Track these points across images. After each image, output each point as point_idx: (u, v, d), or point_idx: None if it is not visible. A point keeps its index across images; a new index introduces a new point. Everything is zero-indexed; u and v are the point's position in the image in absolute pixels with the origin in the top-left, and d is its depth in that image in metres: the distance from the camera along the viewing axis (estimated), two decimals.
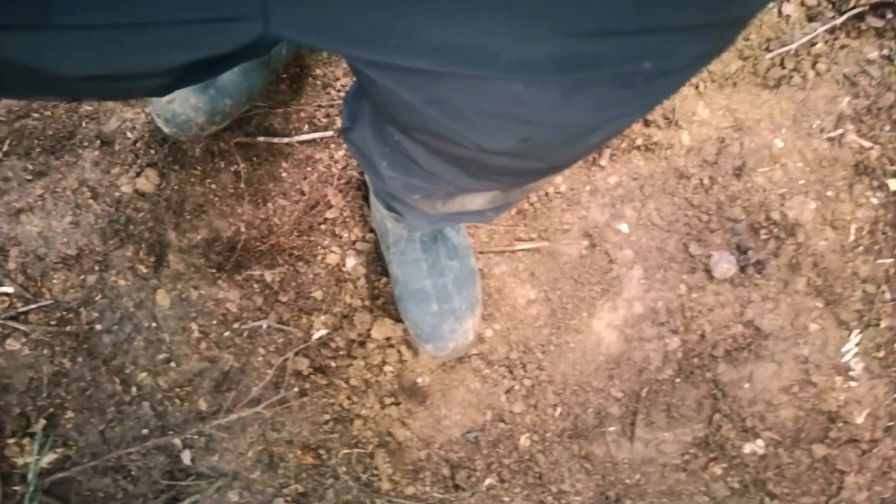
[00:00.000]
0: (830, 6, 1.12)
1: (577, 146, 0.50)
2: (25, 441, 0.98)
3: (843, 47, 1.12)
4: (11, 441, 0.98)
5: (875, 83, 1.12)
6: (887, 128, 1.11)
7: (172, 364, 1.03)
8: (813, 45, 1.11)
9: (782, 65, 1.10)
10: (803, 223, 1.09)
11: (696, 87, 1.10)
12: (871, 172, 1.11)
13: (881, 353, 1.09)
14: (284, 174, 1.07)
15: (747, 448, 1.07)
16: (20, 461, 0.98)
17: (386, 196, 0.80)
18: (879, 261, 1.10)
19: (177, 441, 1.02)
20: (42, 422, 0.99)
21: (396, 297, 1.03)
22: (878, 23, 1.10)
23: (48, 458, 0.99)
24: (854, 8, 1.11)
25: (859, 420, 1.08)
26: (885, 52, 1.11)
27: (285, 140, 1.08)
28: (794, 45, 1.10)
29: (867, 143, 1.11)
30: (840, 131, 1.11)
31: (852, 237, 1.10)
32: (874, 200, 1.11)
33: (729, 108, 1.10)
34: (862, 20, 1.11)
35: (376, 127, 0.63)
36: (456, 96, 0.43)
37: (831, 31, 1.11)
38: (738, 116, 1.10)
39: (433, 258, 1.00)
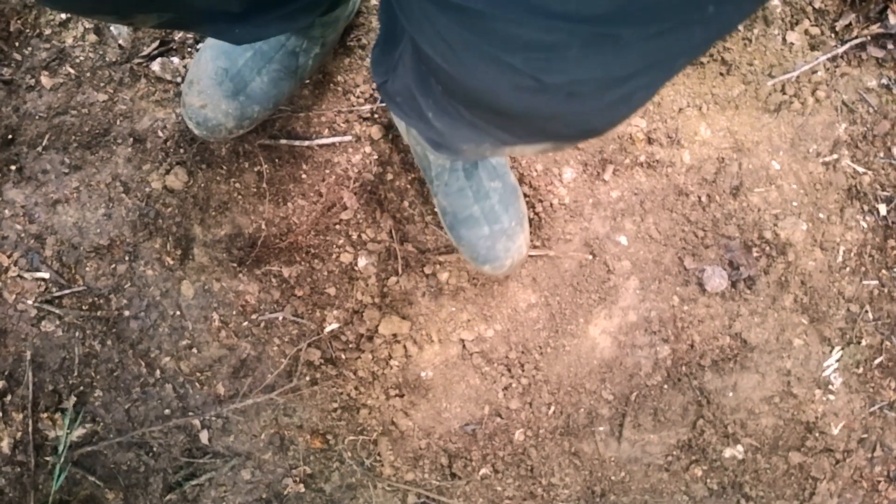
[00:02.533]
0: (833, 35, 1.16)
1: (621, 108, 0.52)
2: (57, 416, 1.06)
3: (843, 75, 1.16)
4: (45, 415, 1.06)
5: (872, 111, 1.16)
6: (881, 154, 1.16)
7: (194, 350, 1.10)
8: (814, 72, 1.15)
9: (783, 90, 1.15)
10: (794, 243, 1.15)
11: (700, 108, 1.15)
12: (862, 197, 1.16)
13: (860, 370, 1.15)
14: (304, 176, 1.14)
15: (727, 452, 1.14)
16: (52, 434, 1.06)
17: (429, 143, 0.82)
18: (865, 282, 1.15)
19: (196, 421, 1.09)
20: (73, 399, 1.07)
21: (447, 227, 1.08)
22: (879, 53, 1.15)
23: (77, 432, 1.07)
24: (856, 38, 1.15)
25: (835, 431, 1.15)
26: (885, 81, 1.16)
27: (306, 143, 1.14)
28: (795, 73, 1.14)
29: (861, 169, 1.16)
30: (835, 156, 1.16)
31: (840, 258, 1.15)
32: (864, 224, 1.16)
33: (730, 130, 1.15)
34: (863, 50, 1.15)
35: (420, 77, 0.64)
36: (498, 31, 0.44)
37: (833, 59, 1.16)
38: (739, 138, 1.15)
39: (477, 184, 1.04)
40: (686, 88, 1.15)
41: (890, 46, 1.15)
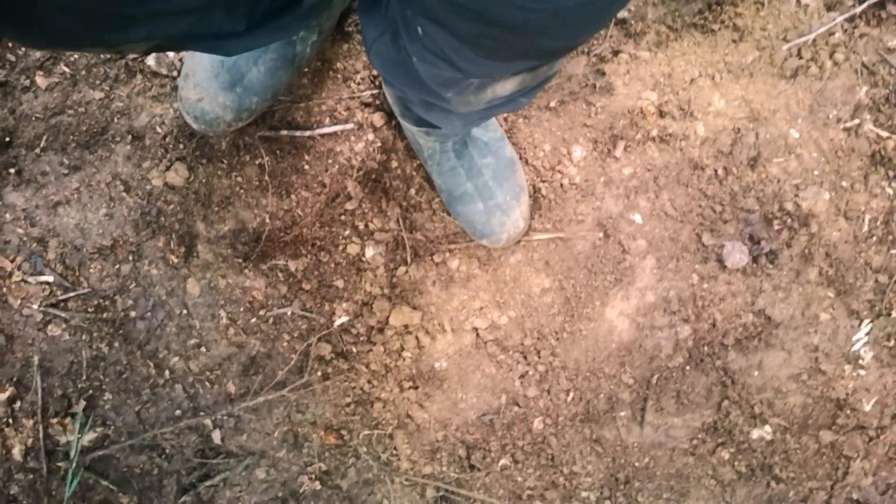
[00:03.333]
0: None
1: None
2: (67, 421, 1.05)
3: (862, 36, 1.11)
4: (55, 421, 1.05)
5: (894, 72, 1.11)
6: None
7: (203, 349, 1.08)
8: (831, 34, 1.11)
9: (799, 55, 1.10)
10: (817, 214, 1.10)
11: (713, 77, 1.11)
12: (887, 162, 1.11)
13: (891, 343, 1.11)
14: (307, 167, 1.11)
15: (755, 434, 1.10)
16: (63, 440, 1.04)
17: (422, 109, 0.85)
18: (893, 251, 1.11)
19: (207, 422, 1.08)
20: (82, 403, 1.05)
21: (445, 203, 1.10)
22: None
23: (88, 436, 1.05)
24: None
25: (867, 408, 1.10)
26: None
27: (307, 133, 1.11)
28: (811, 36, 1.09)
29: (884, 133, 1.11)
30: (857, 121, 1.11)
31: (866, 228, 1.11)
32: (889, 191, 1.11)
33: (745, 99, 1.11)
34: (883, 8, 1.10)
35: (406, 24, 0.66)
36: None
37: (850, 19, 1.11)
38: (754, 107, 1.11)
39: (468, 162, 1.06)
40: (697, 58, 1.11)
41: None
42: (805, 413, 1.11)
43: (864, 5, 1.10)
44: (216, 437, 1.08)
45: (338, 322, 1.11)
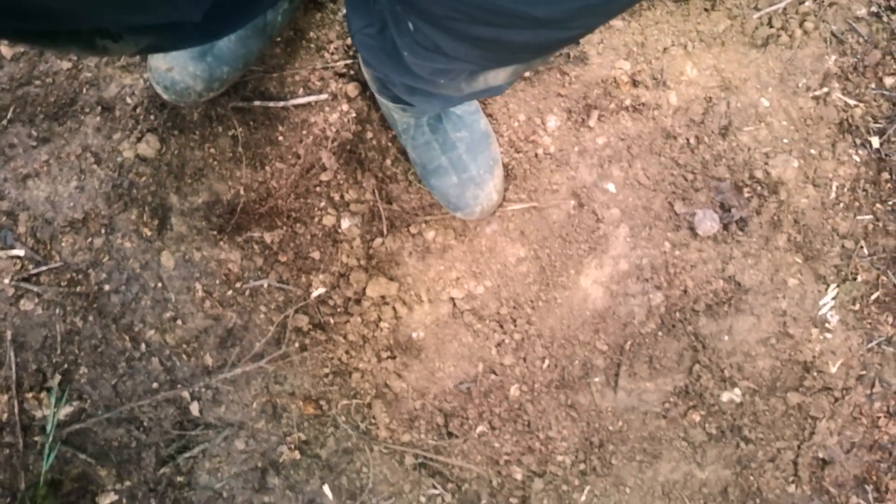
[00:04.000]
0: None
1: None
2: (43, 395, 1.04)
3: (831, 4, 1.12)
4: (30, 395, 1.04)
5: (862, 41, 1.13)
6: (872, 85, 1.13)
7: (179, 322, 1.08)
8: (801, 2, 1.12)
9: (770, 23, 1.11)
10: (786, 181, 1.12)
11: (685, 46, 1.12)
12: (854, 130, 1.13)
13: (857, 307, 1.14)
14: (281, 138, 1.10)
15: (725, 396, 1.13)
16: (38, 414, 1.04)
17: (403, 90, 0.84)
18: (859, 217, 1.13)
19: (185, 394, 1.08)
20: (58, 377, 1.05)
21: (419, 176, 1.10)
22: None
23: (65, 410, 1.05)
24: None
25: (833, 370, 1.14)
26: (874, 9, 1.12)
27: (281, 104, 1.10)
28: (782, 4, 1.10)
29: (852, 102, 1.13)
30: (826, 90, 1.13)
31: (833, 194, 1.13)
32: (856, 158, 1.13)
33: (716, 68, 1.12)
34: None
35: (395, 20, 0.65)
36: None
37: None
38: (726, 76, 1.12)
39: (442, 136, 1.06)
40: (670, 27, 1.12)
41: None
42: (773, 376, 1.14)
43: None
44: (194, 409, 1.08)
45: (315, 294, 1.11)
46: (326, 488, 1.10)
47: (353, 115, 1.12)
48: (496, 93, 0.82)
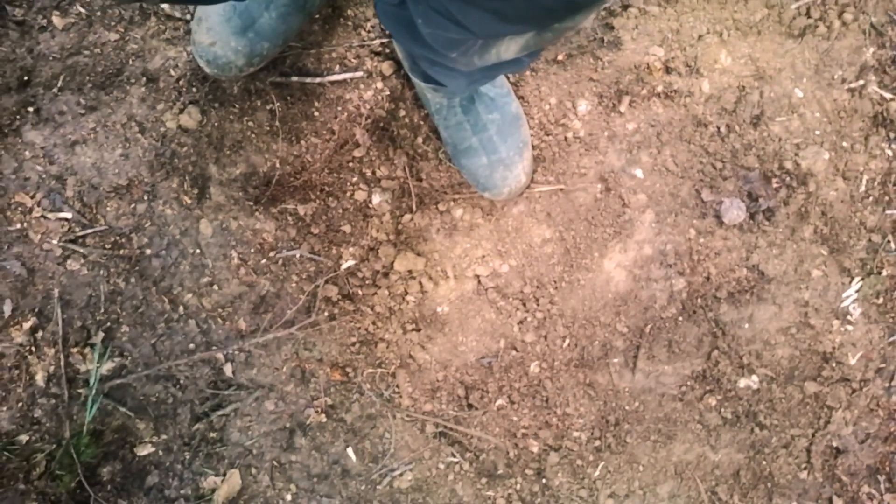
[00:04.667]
0: None
1: None
2: (87, 351, 1.10)
3: None
4: (75, 350, 1.10)
5: None
6: None
7: (215, 287, 1.13)
8: None
9: (808, 14, 1.11)
10: (815, 173, 1.12)
11: (720, 34, 1.11)
12: (889, 124, 1.12)
13: (880, 300, 1.14)
14: (316, 113, 1.13)
15: (742, 383, 1.15)
16: (82, 368, 1.10)
17: (426, 64, 0.87)
18: (888, 211, 1.13)
19: (219, 355, 1.13)
20: (101, 334, 1.11)
21: (450, 155, 1.13)
22: None
23: (107, 366, 1.11)
24: None
25: (852, 361, 1.15)
26: None
27: (317, 80, 1.13)
28: None
29: (888, 95, 1.12)
30: (861, 82, 1.12)
31: (863, 188, 1.13)
32: (889, 152, 1.13)
33: (751, 57, 1.12)
34: None
35: None
36: None
37: None
38: (760, 65, 1.12)
39: (474, 118, 1.08)
40: (706, 14, 1.12)
41: None
42: (792, 364, 1.15)
43: None
44: (228, 370, 1.14)
45: (344, 265, 1.15)
46: (350, 451, 1.16)
47: (387, 92, 1.14)
48: (518, 67, 0.83)
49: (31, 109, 1.08)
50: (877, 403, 1.15)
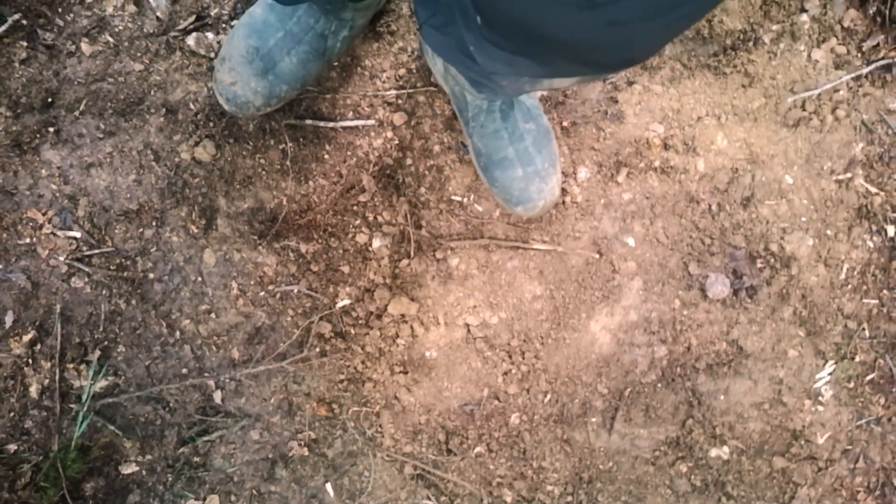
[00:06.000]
0: (859, 55, 1.16)
1: (662, 36, 0.53)
2: (82, 367, 1.13)
3: (865, 95, 1.17)
4: (71, 366, 1.13)
5: (892, 133, 1.17)
6: (895, 176, 1.17)
7: (213, 315, 1.16)
8: (836, 91, 1.16)
9: (803, 107, 1.16)
10: (799, 258, 1.17)
11: (719, 118, 1.17)
12: (872, 217, 1.17)
13: (851, 385, 1.18)
14: (326, 156, 1.17)
15: (713, 452, 1.19)
16: (77, 384, 1.13)
17: (472, 80, 0.85)
18: (865, 300, 1.18)
19: (211, 382, 1.16)
20: (98, 352, 1.14)
21: (481, 169, 1.11)
22: None
23: (100, 383, 1.14)
24: (883, 59, 1.15)
25: (821, 441, 1.19)
26: None
27: (330, 125, 1.17)
28: (817, 91, 1.15)
29: (874, 189, 1.17)
30: (849, 175, 1.17)
31: (843, 276, 1.18)
32: (870, 244, 1.18)
33: (746, 142, 1.17)
34: (888, 71, 1.15)
35: (463, 10, 0.64)
36: None
37: (856, 78, 1.16)
38: (754, 150, 1.17)
39: (512, 126, 1.07)
40: (707, 97, 1.17)
41: None
42: (762, 439, 1.19)
43: (872, 66, 1.15)
44: (217, 397, 1.17)
45: (340, 304, 1.19)
46: (329, 486, 1.19)
47: (396, 142, 1.18)
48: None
49: (51, 130, 1.12)
50: (841, 483, 1.19)
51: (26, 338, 1.12)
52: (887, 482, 1.19)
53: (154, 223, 1.15)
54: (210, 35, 1.14)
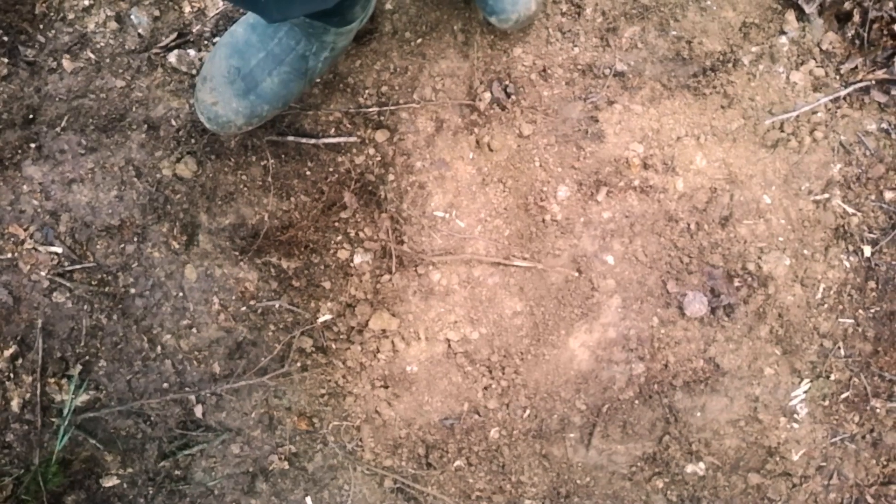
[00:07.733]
0: (838, 77, 1.17)
1: None
2: (63, 381, 1.14)
3: (843, 116, 1.17)
4: (52, 380, 1.14)
5: (869, 154, 1.18)
6: (872, 197, 1.18)
7: (194, 330, 1.17)
8: (814, 113, 1.17)
9: (781, 128, 1.17)
10: (776, 277, 1.18)
11: (698, 138, 1.17)
12: (849, 237, 1.19)
13: (826, 403, 1.20)
14: (308, 172, 1.18)
15: (689, 468, 1.20)
16: (58, 398, 1.14)
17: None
18: (841, 320, 1.19)
19: (192, 397, 1.17)
20: (79, 367, 1.14)
21: None
22: (882, 98, 1.16)
23: (81, 398, 1.15)
24: (861, 81, 1.15)
25: (795, 457, 1.20)
26: (885, 125, 1.17)
27: (312, 141, 1.18)
28: (795, 113, 1.16)
29: (851, 210, 1.18)
30: (826, 195, 1.18)
31: (819, 295, 1.19)
32: (847, 264, 1.19)
33: (725, 162, 1.18)
34: (867, 94, 1.16)
35: None
36: None
37: (835, 100, 1.17)
38: (733, 170, 1.18)
39: None
40: (686, 118, 1.17)
41: (894, 92, 1.15)
42: (738, 455, 1.21)
43: (850, 89, 1.16)
44: (198, 411, 1.18)
45: (321, 319, 1.19)
46: (309, 500, 1.20)
47: (378, 159, 1.19)
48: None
49: (33, 146, 1.12)
50: (815, 500, 1.21)
51: (7, 352, 1.13)
52: (861, 498, 1.21)
53: (135, 239, 1.15)
54: (192, 52, 1.14)
